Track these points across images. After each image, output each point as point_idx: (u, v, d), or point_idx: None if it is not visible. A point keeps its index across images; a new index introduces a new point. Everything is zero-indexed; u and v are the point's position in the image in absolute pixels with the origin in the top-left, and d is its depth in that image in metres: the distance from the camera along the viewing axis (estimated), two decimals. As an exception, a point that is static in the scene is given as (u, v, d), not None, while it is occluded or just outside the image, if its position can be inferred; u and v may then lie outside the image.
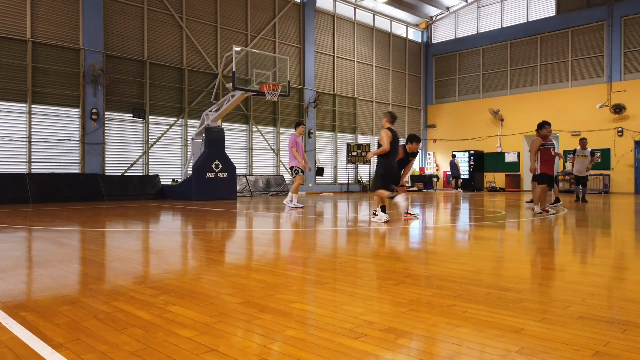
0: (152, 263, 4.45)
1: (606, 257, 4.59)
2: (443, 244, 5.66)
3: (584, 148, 13.81)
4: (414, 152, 8.71)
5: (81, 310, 2.75)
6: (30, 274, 3.85)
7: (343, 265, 4.17)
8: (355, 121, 23.46)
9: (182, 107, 17.30)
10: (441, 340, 2.26)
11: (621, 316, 2.60)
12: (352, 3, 23.24)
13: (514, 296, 3.02)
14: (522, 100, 23.44)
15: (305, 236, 6.40)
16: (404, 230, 6.90)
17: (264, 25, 19.74)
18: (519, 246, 5.48)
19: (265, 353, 2.07)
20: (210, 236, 6.22)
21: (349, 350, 2.10)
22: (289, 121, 20.62)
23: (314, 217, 9.21)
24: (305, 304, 2.92)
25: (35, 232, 6.67)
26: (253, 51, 16.90)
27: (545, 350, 2.09)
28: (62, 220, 8.34)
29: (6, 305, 2.86)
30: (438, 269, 3.94)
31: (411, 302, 2.90)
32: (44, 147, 14.28)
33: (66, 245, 5.41)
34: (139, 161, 16.30)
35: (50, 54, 14.36)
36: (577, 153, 13.81)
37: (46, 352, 2.08)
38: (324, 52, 22.20)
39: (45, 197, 13.31)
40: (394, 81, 25.66)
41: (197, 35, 17.72)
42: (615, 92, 20.85)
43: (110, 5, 15.53)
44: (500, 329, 2.37)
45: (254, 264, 4.28)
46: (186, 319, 2.57)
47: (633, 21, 20.71)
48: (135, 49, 16.16)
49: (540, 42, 23.15)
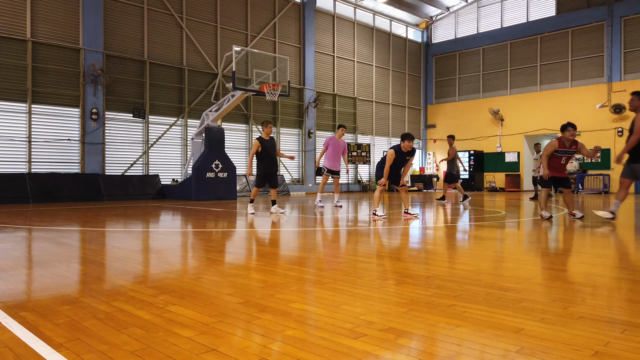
0: (152, 263, 4.46)
1: (606, 257, 4.59)
2: (443, 243, 5.66)
3: (539, 152, 14.81)
4: (409, 151, 8.58)
5: (81, 310, 2.75)
6: (30, 273, 3.85)
7: (343, 265, 4.17)
8: (355, 121, 23.46)
9: (182, 107, 17.30)
10: (441, 340, 2.26)
11: (621, 316, 2.60)
12: (352, 3, 23.24)
13: (514, 296, 3.02)
14: (522, 100, 23.45)
15: (305, 236, 6.40)
16: (404, 230, 6.90)
17: (264, 25, 19.74)
18: (519, 246, 5.47)
19: (265, 353, 2.07)
20: (210, 236, 6.22)
21: (349, 350, 2.10)
22: (289, 121, 20.63)
23: (313, 217, 9.21)
24: (305, 304, 2.92)
25: (35, 232, 6.67)
26: (253, 51, 16.90)
27: (545, 350, 2.09)
28: (62, 220, 8.34)
29: (6, 305, 2.86)
30: (438, 269, 3.94)
31: (411, 302, 2.90)
32: (44, 147, 14.29)
33: (66, 245, 5.41)
34: (139, 161, 16.30)
35: (50, 54, 14.37)
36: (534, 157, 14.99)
37: (46, 352, 2.08)
38: (324, 52, 22.20)
39: (45, 197, 13.31)
40: (394, 81, 25.66)
41: (197, 35, 17.72)
42: (615, 92, 20.85)
43: (110, 5, 15.53)
44: (500, 329, 2.37)
45: (254, 264, 4.28)
46: (186, 319, 2.57)
47: (633, 21, 20.71)
48: (135, 49, 16.16)
49: (540, 42, 23.15)
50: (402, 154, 8.54)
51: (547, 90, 22.91)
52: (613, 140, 20.91)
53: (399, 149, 8.52)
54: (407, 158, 8.67)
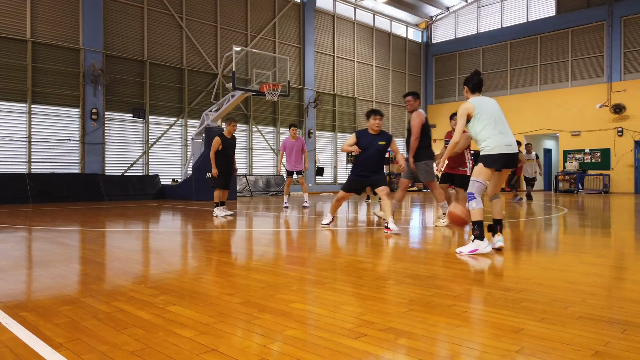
0: (152, 263, 4.45)
1: (606, 257, 4.59)
2: (443, 243, 5.65)
3: (529, 152, 15.06)
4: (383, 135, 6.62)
5: (81, 310, 2.75)
6: (30, 274, 3.85)
7: (343, 265, 4.17)
8: (355, 121, 23.45)
9: (182, 107, 17.30)
10: (441, 340, 2.26)
11: (621, 316, 2.59)
12: (352, 3, 23.24)
13: (514, 296, 3.02)
14: (522, 100, 23.44)
15: (305, 236, 6.40)
16: (403, 230, 6.90)
17: (264, 25, 19.74)
18: (519, 246, 5.47)
19: (265, 353, 2.07)
20: (210, 236, 6.21)
21: (349, 350, 2.09)
22: (289, 121, 20.63)
23: (314, 217, 9.20)
24: (305, 304, 2.92)
25: (35, 232, 6.67)
26: (253, 51, 16.90)
27: (545, 350, 2.08)
28: (62, 220, 8.34)
29: (6, 305, 2.86)
30: (438, 269, 3.93)
31: (411, 302, 2.90)
32: (44, 147, 14.28)
33: (66, 245, 5.41)
34: (139, 161, 16.30)
35: (50, 54, 14.36)
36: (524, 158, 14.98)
37: (46, 352, 2.08)
38: (324, 52, 22.20)
39: (45, 197, 13.31)
40: (394, 81, 25.66)
41: (197, 35, 17.72)
42: (615, 92, 20.85)
43: (110, 5, 15.53)
44: (500, 329, 2.37)
45: (254, 264, 4.28)
46: (186, 319, 2.57)
47: (633, 21, 20.71)
48: (135, 49, 16.16)
49: (540, 42, 23.15)
50: (371, 138, 6.60)
51: (547, 90, 22.91)
52: (613, 140, 20.91)
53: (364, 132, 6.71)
54: (381, 144, 6.60)
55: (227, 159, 9.11)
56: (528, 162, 14.95)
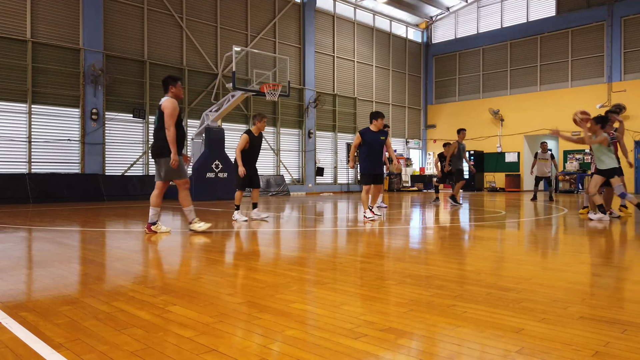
0: (152, 263, 4.46)
1: (606, 257, 4.59)
2: (443, 243, 5.65)
3: (545, 151, 14.71)
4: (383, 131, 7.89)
5: (81, 310, 2.75)
6: (30, 274, 3.85)
7: (343, 265, 4.17)
8: (355, 121, 23.45)
9: (182, 107, 17.30)
10: (441, 340, 2.26)
11: (621, 316, 2.59)
12: (352, 3, 23.24)
13: (514, 296, 3.02)
14: (522, 100, 23.44)
15: (305, 236, 6.40)
16: (403, 230, 6.90)
17: (264, 25, 19.74)
18: (519, 246, 5.47)
19: (265, 353, 2.07)
20: (210, 236, 6.21)
21: (349, 350, 2.10)
22: (289, 121, 20.64)
23: (314, 217, 9.20)
24: (305, 304, 2.92)
25: (35, 232, 6.67)
26: (253, 51, 16.90)
27: (545, 350, 2.08)
28: (62, 220, 8.34)
29: (6, 305, 2.86)
30: (438, 269, 3.93)
31: (411, 302, 2.90)
32: (44, 147, 14.29)
33: (66, 245, 5.41)
34: (139, 161, 16.30)
35: (50, 54, 14.37)
36: (539, 156, 14.69)
37: (46, 352, 2.08)
38: (324, 52, 22.20)
39: (45, 197, 13.31)
40: (394, 81, 25.66)
41: (197, 35, 17.72)
42: (615, 92, 20.85)
43: (110, 5, 15.53)
44: (500, 329, 2.37)
45: (254, 264, 4.28)
46: (186, 319, 2.57)
47: (633, 21, 20.71)
48: (135, 49, 16.16)
49: (540, 42, 23.15)
50: (374, 134, 7.87)
51: (547, 90, 22.91)
52: (613, 140, 20.89)
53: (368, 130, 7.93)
54: (382, 138, 7.98)
55: (253, 158, 8.28)
56: (542, 161, 14.60)
